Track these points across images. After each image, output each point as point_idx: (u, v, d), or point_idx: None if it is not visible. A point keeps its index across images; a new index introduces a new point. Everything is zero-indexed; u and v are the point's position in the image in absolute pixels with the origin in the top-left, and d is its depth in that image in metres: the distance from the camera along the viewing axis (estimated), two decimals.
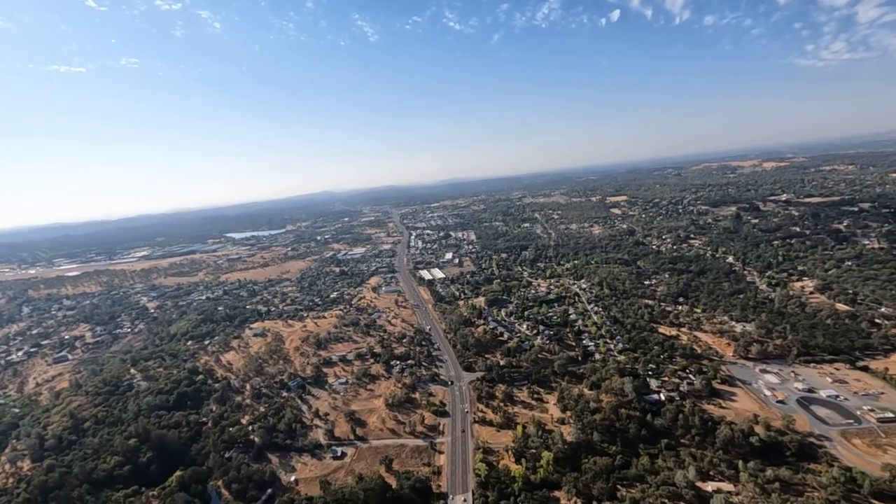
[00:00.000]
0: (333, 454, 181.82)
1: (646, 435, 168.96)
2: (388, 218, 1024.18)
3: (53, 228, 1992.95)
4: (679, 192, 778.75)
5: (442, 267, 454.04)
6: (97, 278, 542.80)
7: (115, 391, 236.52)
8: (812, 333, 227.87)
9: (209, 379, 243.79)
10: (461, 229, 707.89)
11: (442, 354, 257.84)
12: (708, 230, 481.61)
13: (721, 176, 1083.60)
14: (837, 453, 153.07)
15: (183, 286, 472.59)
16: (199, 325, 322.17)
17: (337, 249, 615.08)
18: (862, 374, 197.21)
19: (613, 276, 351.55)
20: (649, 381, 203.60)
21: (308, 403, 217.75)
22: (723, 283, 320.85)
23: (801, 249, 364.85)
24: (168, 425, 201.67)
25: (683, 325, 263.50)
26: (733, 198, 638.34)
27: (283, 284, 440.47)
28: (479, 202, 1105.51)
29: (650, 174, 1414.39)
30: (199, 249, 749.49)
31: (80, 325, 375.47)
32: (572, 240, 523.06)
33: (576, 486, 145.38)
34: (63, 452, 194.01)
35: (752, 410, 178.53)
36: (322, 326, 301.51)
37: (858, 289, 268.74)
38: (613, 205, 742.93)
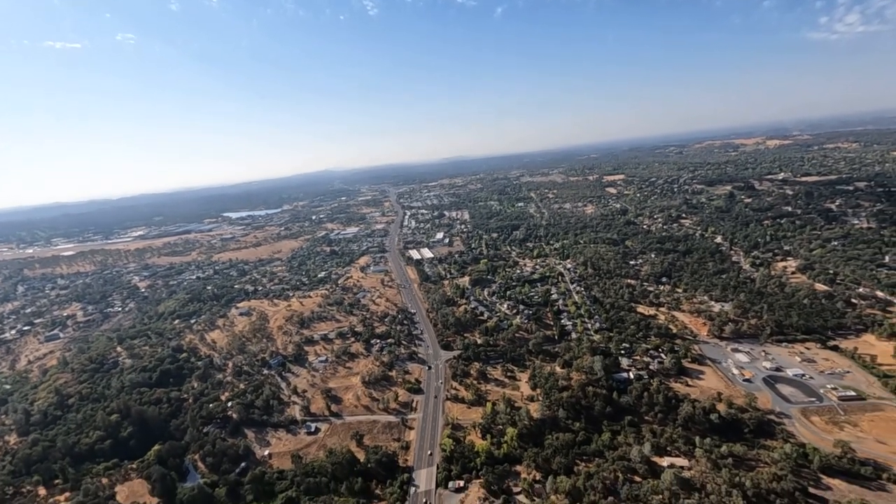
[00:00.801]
0: (308, 430, 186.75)
1: (611, 412, 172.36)
2: (384, 197, 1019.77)
3: (53, 208, 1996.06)
4: (677, 171, 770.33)
5: (432, 247, 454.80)
6: (92, 258, 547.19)
7: (100, 369, 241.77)
8: (787, 313, 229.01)
9: (192, 357, 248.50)
10: (456, 209, 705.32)
11: (422, 333, 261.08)
12: (700, 209, 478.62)
13: (722, 154, 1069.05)
14: (795, 430, 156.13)
15: (175, 266, 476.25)
16: (187, 305, 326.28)
17: (330, 229, 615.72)
18: (831, 354, 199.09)
19: (599, 256, 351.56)
20: (621, 360, 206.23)
21: (287, 381, 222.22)
22: (707, 262, 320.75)
23: (790, 229, 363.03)
24: (149, 401, 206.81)
25: (663, 304, 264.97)
26: (730, 177, 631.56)
27: (274, 264, 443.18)
28: (476, 181, 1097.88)
29: (652, 152, 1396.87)
30: (195, 229, 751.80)
31: (72, 304, 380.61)
32: (564, 219, 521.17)
33: (535, 460, 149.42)
34: (48, 427, 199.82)
35: (718, 389, 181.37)
36: (307, 306, 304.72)
37: (839, 269, 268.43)
38: (609, 184, 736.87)
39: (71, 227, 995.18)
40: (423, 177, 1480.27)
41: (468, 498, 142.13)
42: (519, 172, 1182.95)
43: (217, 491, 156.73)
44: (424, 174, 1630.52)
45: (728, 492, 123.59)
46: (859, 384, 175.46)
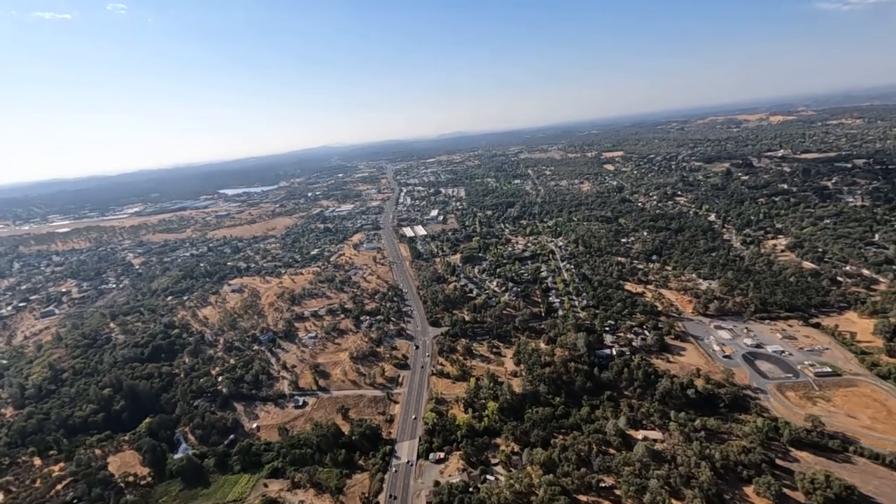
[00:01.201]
0: (295, 403, 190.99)
1: (591, 387, 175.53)
2: (381, 174, 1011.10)
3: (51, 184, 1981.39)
4: (676, 148, 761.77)
5: (426, 224, 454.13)
6: (87, 234, 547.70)
7: (93, 344, 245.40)
8: (773, 291, 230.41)
9: (184, 333, 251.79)
10: (452, 186, 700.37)
11: (412, 310, 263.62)
12: (696, 187, 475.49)
13: (724, 130, 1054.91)
14: (769, 405, 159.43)
15: (170, 243, 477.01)
16: (180, 282, 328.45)
17: (325, 206, 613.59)
18: (812, 331, 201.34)
19: (591, 234, 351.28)
20: (605, 337, 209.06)
21: (277, 356, 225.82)
22: (699, 240, 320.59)
23: (784, 207, 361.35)
24: (141, 376, 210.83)
25: (651, 282, 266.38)
26: (728, 153, 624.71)
27: (268, 241, 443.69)
28: (475, 157, 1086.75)
29: (654, 128, 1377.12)
30: (191, 206, 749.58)
31: (67, 280, 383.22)
32: (560, 197, 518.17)
33: (514, 433, 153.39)
34: (42, 401, 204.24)
35: (698, 365, 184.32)
36: (298, 283, 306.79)
37: (829, 247, 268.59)
38: (608, 160, 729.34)
39: (68, 203, 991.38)
40: (422, 153, 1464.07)
41: (447, 468, 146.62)
42: (518, 149, 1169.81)
43: (206, 462, 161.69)
44: (423, 150, 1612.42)
45: (697, 463, 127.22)
46: (836, 361, 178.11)
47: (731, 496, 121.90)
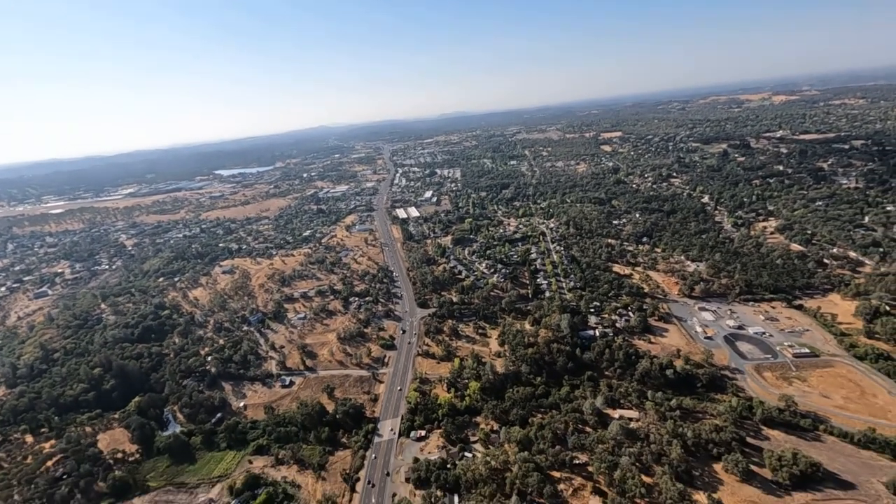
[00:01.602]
0: (282, 383, 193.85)
1: (573, 367, 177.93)
2: (378, 154, 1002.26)
3: (47, 164, 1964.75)
4: (675, 128, 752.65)
5: (419, 206, 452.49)
6: (80, 216, 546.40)
7: (83, 325, 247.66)
8: (759, 273, 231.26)
9: (175, 314, 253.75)
10: (448, 167, 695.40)
11: (401, 292, 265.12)
12: (692, 168, 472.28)
13: (726, 110, 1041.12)
14: (746, 385, 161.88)
15: (163, 224, 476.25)
16: (171, 263, 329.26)
17: (320, 187, 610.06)
18: (795, 313, 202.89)
19: (583, 216, 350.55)
20: (590, 318, 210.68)
21: (266, 337, 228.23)
22: (690, 222, 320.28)
23: (778, 189, 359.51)
24: (130, 356, 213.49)
25: (640, 264, 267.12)
26: (727, 134, 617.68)
27: (261, 223, 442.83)
28: (472, 138, 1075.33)
29: (654, 108, 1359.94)
30: (185, 187, 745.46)
31: (60, 261, 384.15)
32: (555, 178, 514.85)
33: (494, 412, 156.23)
34: (34, 380, 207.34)
35: (679, 346, 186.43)
36: (289, 264, 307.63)
37: (818, 229, 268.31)
38: (605, 141, 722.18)
39: (63, 184, 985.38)
40: (420, 133, 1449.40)
41: (428, 446, 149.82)
42: (516, 129, 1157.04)
43: (193, 439, 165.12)
44: (421, 131, 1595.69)
45: (669, 441, 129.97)
46: (816, 342, 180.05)
47: (701, 472, 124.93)
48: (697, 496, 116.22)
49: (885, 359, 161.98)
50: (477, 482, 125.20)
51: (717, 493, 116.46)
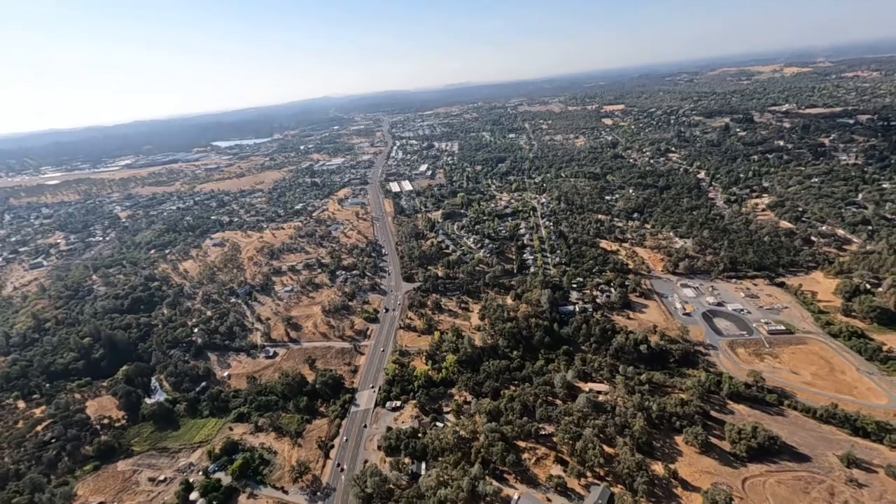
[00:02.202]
0: (266, 354, 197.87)
1: (550, 342, 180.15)
2: (378, 126, 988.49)
3: (48, 135, 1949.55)
4: (679, 101, 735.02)
5: (413, 179, 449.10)
6: (77, 187, 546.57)
7: (74, 295, 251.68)
8: (745, 250, 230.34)
9: (164, 285, 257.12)
10: (446, 139, 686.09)
11: (388, 265, 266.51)
12: (691, 143, 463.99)
13: (734, 83, 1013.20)
14: (718, 361, 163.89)
15: (158, 196, 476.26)
16: (163, 235, 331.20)
17: (316, 160, 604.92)
18: (776, 290, 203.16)
19: (576, 191, 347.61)
20: (571, 293, 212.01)
21: (253, 309, 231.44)
22: (683, 198, 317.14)
23: (776, 164, 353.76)
24: (119, 326, 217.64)
25: (627, 240, 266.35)
26: (731, 108, 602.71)
27: (255, 195, 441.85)
28: (473, 110, 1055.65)
29: (662, 80, 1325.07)
30: (182, 159, 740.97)
31: (55, 232, 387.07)
32: (552, 152, 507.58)
33: (468, 384, 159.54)
34: (26, 348, 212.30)
35: (657, 321, 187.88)
36: (279, 237, 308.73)
37: (809, 206, 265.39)
38: (607, 114, 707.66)
39: (61, 155, 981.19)
40: (422, 105, 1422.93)
41: (402, 416, 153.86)
42: (518, 101, 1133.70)
43: (177, 407, 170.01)
44: (423, 102, 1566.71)
45: (633, 414, 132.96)
46: (793, 319, 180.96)
47: (662, 444, 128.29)
48: (655, 466, 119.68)
49: (858, 336, 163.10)
50: (444, 450, 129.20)
51: (674, 464, 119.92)
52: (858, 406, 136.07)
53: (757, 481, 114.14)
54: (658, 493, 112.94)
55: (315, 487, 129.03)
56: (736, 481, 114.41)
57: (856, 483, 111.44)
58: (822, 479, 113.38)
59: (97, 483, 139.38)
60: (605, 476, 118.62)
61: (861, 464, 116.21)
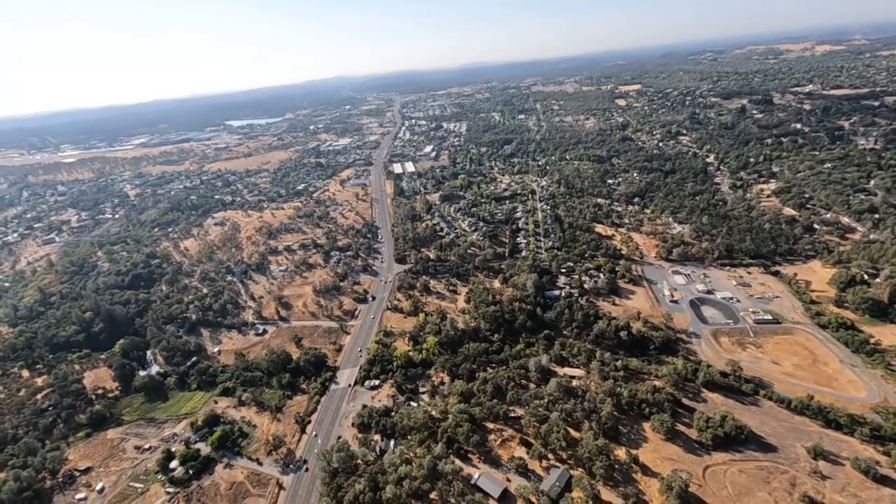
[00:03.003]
0: (256, 331, 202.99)
1: (532, 326, 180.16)
2: (389, 107, 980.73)
3: (69, 114, 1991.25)
4: (698, 82, 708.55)
5: (417, 161, 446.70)
6: (91, 165, 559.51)
7: (79, 271, 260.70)
8: (743, 237, 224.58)
9: (164, 263, 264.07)
10: (456, 120, 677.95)
11: (383, 247, 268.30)
12: (704, 125, 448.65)
13: (760, 62, 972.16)
14: (699, 349, 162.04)
15: (167, 175, 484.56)
16: (167, 214, 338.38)
17: (323, 140, 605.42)
18: (770, 279, 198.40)
19: (578, 174, 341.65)
20: (560, 278, 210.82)
21: (247, 287, 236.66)
22: (687, 183, 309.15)
23: (789, 149, 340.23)
24: (119, 302, 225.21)
25: (624, 225, 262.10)
26: (751, 89, 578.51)
27: (261, 175, 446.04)
28: (486, 90, 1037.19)
29: (685, 59, 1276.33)
30: (195, 138, 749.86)
31: (68, 210, 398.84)
32: (560, 134, 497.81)
33: (445, 365, 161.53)
34: (32, 321, 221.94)
35: (643, 308, 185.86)
36: (278, 217, 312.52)
37: (816, 192, 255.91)
38: (621, 95, 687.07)
39: (80, 133, 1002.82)
40: (435, 84, 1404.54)
41: (379, 395, 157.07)
42: (533, 81, 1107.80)
43: (167, 380, 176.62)
44: (437, 81, 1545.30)
45: (602, 399, 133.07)
46: (783, 309, 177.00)
47: (629, 430, 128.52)
48: (618, 451, 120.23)
49: (847, 328, 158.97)
50: (412, 429, 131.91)
51: (638, 450, 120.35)
52: (836, 398, 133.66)
53: (718, 469, 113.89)
54: (617, 478, 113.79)
55: (288, 460, 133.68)
56: (697, 469, 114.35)
57: (819, 475, 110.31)
58: (786, 469, 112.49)
59: (87, 449, 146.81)
60: (568, 459, 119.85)
61: (829, 456, 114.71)
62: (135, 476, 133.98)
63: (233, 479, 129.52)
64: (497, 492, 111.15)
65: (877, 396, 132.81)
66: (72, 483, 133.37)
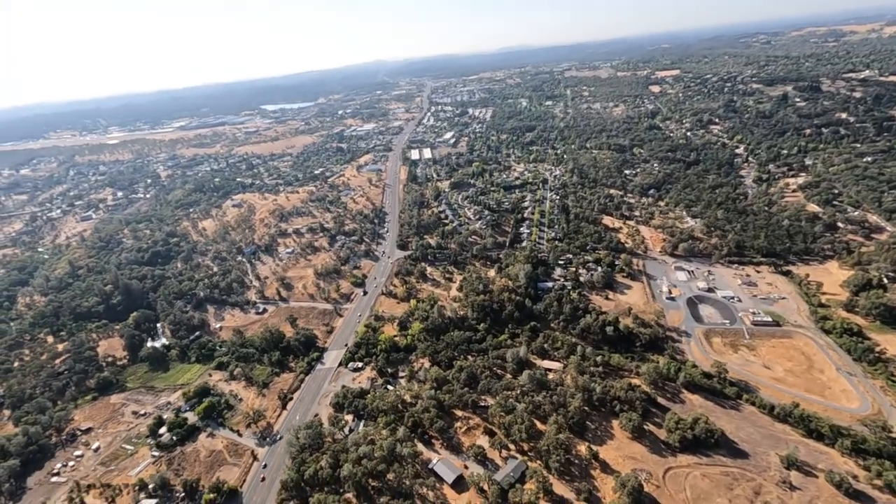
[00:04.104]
0: (257, 310, 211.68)
1: (519, 317, 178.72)
2: (419, 92, 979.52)
3: (124, 98, 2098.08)
4: (742, 66, 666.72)
5: (435, 147, 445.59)
6: (131, 147, 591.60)
7: (106, 247, 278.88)
8: (757, 234, 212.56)
9: (182, 241, 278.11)
10: (482, 106, 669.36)
11: (387, 233, 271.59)
12: (740, 114, 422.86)
13: (818, 45, 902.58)
14: (688, 349, 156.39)
15: (198, 157, 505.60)
16: (191, 195, 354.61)
17: (348, 125, 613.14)
18: (780, 279, 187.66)
19: (594, 163, 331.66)
20: (556, 270, 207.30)
21: (255, 267, 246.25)
22: (710, 175, 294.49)
23: (827, 140, 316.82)
24: (136, 277, 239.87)
25: (633, 217, 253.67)
26: (798, 74, 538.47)
27: (283, 159, 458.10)
28: (517, 75, 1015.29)
29: (734, 41, 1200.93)
30: (230, 121, 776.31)
31: (106, 189, 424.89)
32: (584, 121, 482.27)
33: (426, 351, 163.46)
34: (61, 291, 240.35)
35: (637, 304, 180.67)
36: (291, 201, 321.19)
37: (847, 188, 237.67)
38: (657, 81, 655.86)
39: (129, 116, 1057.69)
40: (469, 69, 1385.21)
41: (360, 376, 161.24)
42: (568, 65, 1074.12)
43: (170, 352, 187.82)
44: (472, 66, 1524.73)
45: (573, 394, 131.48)
46: (787, 311, 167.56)
47: (597, 426, 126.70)
48: (581, 447, 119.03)
49: (853, 334, 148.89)
50: (382, 411, 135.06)
51: (600, 447, 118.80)
52: (825, 408, 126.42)
53: (680, 472, 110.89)
54: (574, 473, 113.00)
55: (265, 434, 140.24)
56: (659, 470, 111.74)
57: (788, 485, 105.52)
58: (753, 477, 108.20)
59: (91, 411, 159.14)
60: (529, 451, 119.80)
61: (803, 467, 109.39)
62: (128, 438, 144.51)
63: (213, 448, 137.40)
64: (451, 478, 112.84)
65: (870, 408, 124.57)
66: (73, 441, 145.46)
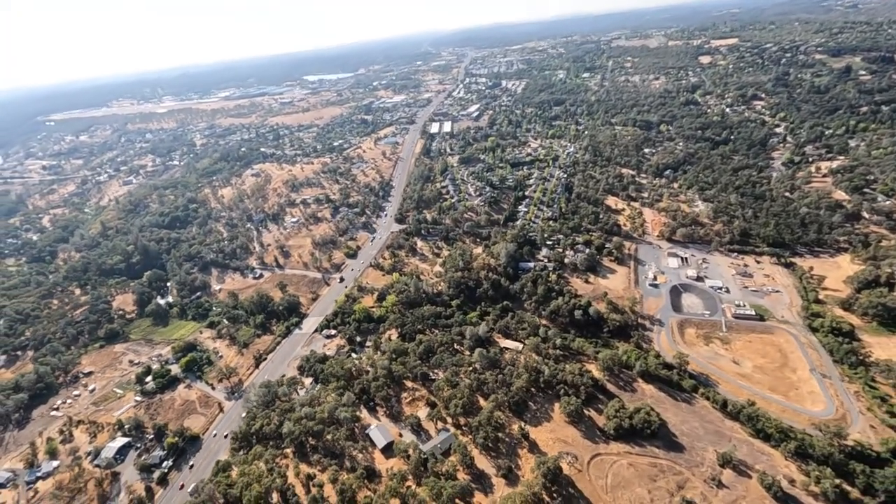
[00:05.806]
0: (254, 275, 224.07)
1: (494, 295, 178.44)
2: (458, 62, 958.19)
3: (184, 69, 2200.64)
4: (811, 34, 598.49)
5: (458, 120, 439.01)
6: (177, 116, 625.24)
7: (133, 210, 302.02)
8: (767, 222, 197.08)
9: (201, 208, 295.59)
10: (517, 78, 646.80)
11: (390, 206, 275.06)
12: (791, 88, 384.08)
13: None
14: (656, 338, 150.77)
15: (233, 127, 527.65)
16: (217, 163, 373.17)
17: (379, 97, 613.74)
18: (781, 271, 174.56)
19: (612, 140, 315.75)
20: (541, 250, 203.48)
21: (260, 235, 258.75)
22: (736, 156, 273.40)
23: (882, 120, 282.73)
24: (154, 239, 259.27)
25: (640, 199, 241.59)
26: (873, 43, 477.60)
27: (310, 130, 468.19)
28: (561, 45, 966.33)
29: (815, 5, 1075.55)
30: (271, 92, 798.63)
31: (147, 156, 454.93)
32: (618, 95, 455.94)
33: (395, 323, 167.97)
34: (92, 249, 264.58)
35: (617, 289, 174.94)
36: (305, 171, 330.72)
37: (886, 174, 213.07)
38: (708, 51, 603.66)
39: (182, 87, 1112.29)
40: (516, 39, 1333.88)
41: (331, 343, 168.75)
42: (617, 34, 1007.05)
43: (172, 309, 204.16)
44: (519, 36, 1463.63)
45: (519, 374, 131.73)
46: (777, 305, 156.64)
47: (539, 407, 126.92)
48: (514, 425, 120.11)
49: (841, 334, 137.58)
50: (336, 377, 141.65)
51: (535, 427, 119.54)
52: (784, 408, 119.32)
53: (607, 459, 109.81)
54: (501, 450, 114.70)
55: (235, 389, 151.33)
56: (586, 455, 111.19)
57: (717, 482, 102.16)
58: (681, 471, 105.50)
59: (96, 357, 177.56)
60: (464, 425, 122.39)
61: (739, 466, 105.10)
62: (120, 384, 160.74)
63: (187, 398, 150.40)
64: (382, 443, 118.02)
65: (833, 412, 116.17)
66: (75, 382, 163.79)
